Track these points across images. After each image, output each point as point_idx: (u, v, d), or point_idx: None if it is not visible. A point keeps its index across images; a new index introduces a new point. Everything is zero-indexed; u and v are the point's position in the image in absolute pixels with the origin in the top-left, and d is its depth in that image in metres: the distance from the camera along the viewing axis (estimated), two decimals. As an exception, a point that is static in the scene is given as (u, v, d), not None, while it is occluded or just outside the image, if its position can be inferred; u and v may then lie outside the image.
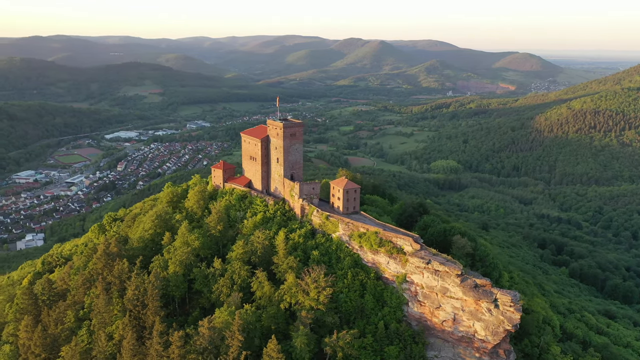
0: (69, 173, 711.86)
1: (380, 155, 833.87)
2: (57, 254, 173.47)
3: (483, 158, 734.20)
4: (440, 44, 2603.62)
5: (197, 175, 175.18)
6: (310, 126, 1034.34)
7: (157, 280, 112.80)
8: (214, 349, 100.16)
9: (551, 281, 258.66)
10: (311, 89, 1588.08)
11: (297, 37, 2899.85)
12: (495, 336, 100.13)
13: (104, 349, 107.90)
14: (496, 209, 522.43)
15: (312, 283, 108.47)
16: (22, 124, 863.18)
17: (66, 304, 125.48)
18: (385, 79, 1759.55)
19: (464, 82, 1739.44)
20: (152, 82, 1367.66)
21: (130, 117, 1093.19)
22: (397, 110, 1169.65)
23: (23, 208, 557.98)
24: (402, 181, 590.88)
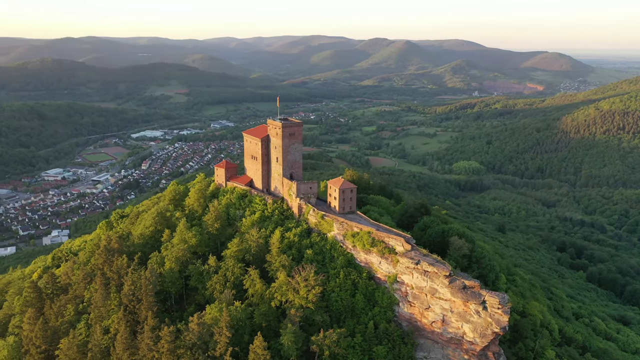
0: (95, 171, 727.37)
1: (402, 156, 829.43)
2: (67, 250, 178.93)
3: (506, 159, 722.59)
4: (467, 44, 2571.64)
5: (201, 174, 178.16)
6: (332, 126, 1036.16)
7: (152, 276, 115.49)
8: (203, 344, 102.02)
9: (566, 285, 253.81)
10: (335, 89, 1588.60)
11: (322, 37, 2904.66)
12: (483, 338, 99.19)
13: (99, 342, 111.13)
14: (517, 211, 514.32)
15: (303, 282, 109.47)
16: (52, 123, 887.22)
17: (67, 298, 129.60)
18: (410, 79, 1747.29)
19: (491, 82, 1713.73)
20: (178, 83, 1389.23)
21: (156, 117, 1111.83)
22: (421, 111, 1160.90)
23: (50, 205, 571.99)
24: (422, 182, 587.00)
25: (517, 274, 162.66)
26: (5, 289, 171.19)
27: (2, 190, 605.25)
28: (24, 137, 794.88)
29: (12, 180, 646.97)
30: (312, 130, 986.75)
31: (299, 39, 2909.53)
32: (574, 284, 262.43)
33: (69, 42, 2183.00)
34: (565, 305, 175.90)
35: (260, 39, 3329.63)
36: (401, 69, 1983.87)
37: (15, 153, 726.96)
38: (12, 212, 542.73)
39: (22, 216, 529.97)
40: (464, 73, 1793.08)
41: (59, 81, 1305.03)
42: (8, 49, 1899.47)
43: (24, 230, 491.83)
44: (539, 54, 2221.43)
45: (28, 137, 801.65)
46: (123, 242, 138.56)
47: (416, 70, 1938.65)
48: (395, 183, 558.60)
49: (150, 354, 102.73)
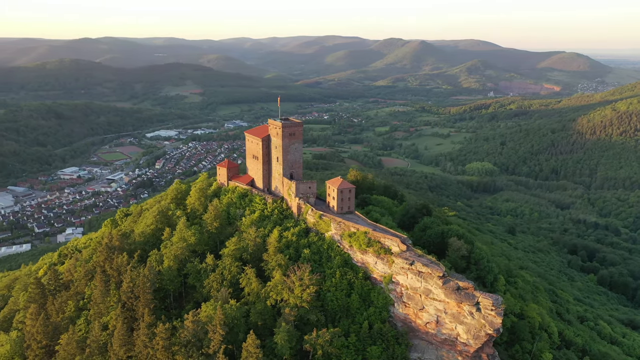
0: (110, 170, 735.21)
1: (415, 157, 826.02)
2: (72, 247, 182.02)
3: (520, 160, 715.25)
4: (483, 44, 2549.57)
5: (204, 173, 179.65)
6: (345, 127, 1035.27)
7: (151, 273, 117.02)
8: (198, 341, 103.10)
9: (575, 288, 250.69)
10: (349, 90, 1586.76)
11: (337, 37, 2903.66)
12: (476, 340, 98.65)
13: (98, 338, 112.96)
14: (530, 213, 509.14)
15: (298, 281, 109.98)
16: (69, 123, 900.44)
17: (68, 294, 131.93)
18: (425, 80, 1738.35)
19: (507, 83, 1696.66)
20: (193, 83, 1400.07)
21: (171, 117, 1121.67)
22: (435, 111, 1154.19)
23: (66, 203, 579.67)
24: (433, 183, 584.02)
25: (519, 277, 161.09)
26: (12, 285, 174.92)
27: (19, 188, 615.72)
28: (41, 136, 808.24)
29: (29, 178, 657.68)
30: (325, 130, 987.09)
31: (314, 39, 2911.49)
32: (583, 287, 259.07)
33: (87, 43, 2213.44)
34: (570, 309, 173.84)
35: (275, 39, 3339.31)
36: (416, 69, 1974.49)
37: (33, 152, 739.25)
38: (28, 209, 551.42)
39: (38, 214, 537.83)
40: (479, 73, 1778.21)
41: (76, 81, 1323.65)
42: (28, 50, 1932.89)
43: (39, 228, 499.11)
44: (556, 54, 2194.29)
45: (45, 136, 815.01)
46: (124, 240, 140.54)
47: (431, 70, 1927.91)
48: (407, 184, 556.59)
49: (145, 351, 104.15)
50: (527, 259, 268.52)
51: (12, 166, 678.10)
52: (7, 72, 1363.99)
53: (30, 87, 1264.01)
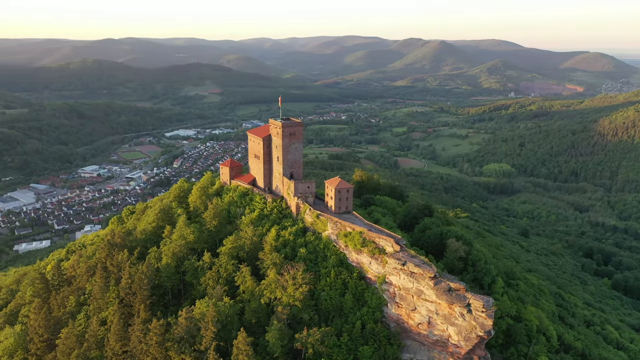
0: (129, 169, 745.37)
1: (432, 157, 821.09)
2: (80, 243, 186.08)
3: (539, 162, 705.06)
4: (504, 44, 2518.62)
5: (209, 172, 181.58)
6: (363, 127, 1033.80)
7: (149, 270, 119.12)
8: (191, 338, 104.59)
9: (587, 292, 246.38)
10: (367, 90, 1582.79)
11: (356, 37, 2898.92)
12: (467, 342, 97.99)
13: (96, 332, 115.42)
14: (547, 215, 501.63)
15: (291, 279, 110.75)
16: (90, 122, 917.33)
17: (70, 290, 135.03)
18: (444, 80, 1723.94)
19: (528, 83, 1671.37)
20: (212, 83, 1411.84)
21: (190, 116, 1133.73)
22: (454, 112, 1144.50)
23: (85, 201, 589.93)
24: (449, 184, 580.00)
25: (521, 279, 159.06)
26: (21, 280, 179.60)
27: (41, 186, 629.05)
28: (63, 135, 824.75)
29: (50, 176, 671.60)
30: (342, 130, 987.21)
31: (333, 39, 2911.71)
32: (596, 291, 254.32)
33: (109, 43, 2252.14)
34: (576, 312, 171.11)
35: (295, 40, 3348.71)
36: (435, 70, 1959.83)
37: (55, 150, 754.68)
38: (49, 207, 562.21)
39: (58, 211, 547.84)
40: (500, 74, 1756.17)
41: (98, 81, 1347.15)
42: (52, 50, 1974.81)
43: (58, 225, 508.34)
44: (579, 54, 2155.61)
45: (67, 135, 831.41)
46: (126, 237, 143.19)
47: (451, 70, 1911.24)
48: (422, 184, 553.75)
49: (140, 346, 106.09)
50: (538, 262, 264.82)
51: (35, 164, 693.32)
52: (32, 72, 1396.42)
53: (54, 87, 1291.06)
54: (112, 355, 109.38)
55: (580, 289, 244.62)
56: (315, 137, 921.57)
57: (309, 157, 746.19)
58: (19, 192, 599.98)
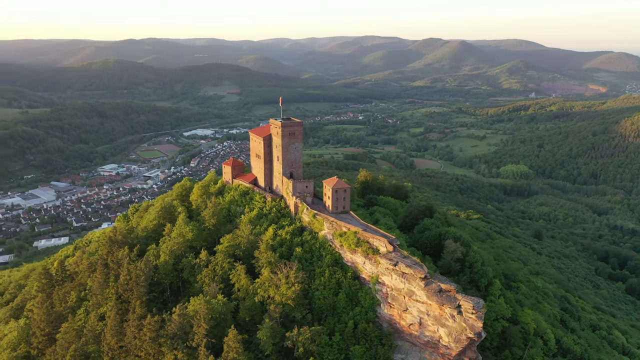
0: (147, 167, 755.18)
1: (448, 158, 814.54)
2: (87, 240, 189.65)
3: (558, 164, 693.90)
4: (525, 44, 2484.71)
5: (212, 171, 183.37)
6: (379, 127, 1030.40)
7: (146, 267, 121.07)
8: (184, 334, 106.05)
9: (599, 296, 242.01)
10: (385, 90, 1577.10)
11: (375, 37, 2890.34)
12: (458, 343, 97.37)
13: (94, 327, 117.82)
14: (564, 217, 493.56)
15: (284, 278, 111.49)
16: (110, 121, 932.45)
17: (72, 285, 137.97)
18: (464, 80, 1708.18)
19: (549, 84, 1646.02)
20: (230, 83, 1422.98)
21: (208, 116, 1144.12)
22: (472, 112, 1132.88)
23: (104, 198, 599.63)
24: (464, 185, 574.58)
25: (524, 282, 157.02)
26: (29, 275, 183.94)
27: (61, 184, 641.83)
28: (84, 133, 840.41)
29: (71, 174, 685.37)
30: (358, 131, 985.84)
31: (352, 39, 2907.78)
32: (608, 295, 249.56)
33: (131, 44, 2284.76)
34: (581, 316, 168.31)
35: (314, 40, 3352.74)
36: (455, 70, 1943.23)
37: (76, 149, 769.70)
38: (68, 204, 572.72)
39: (77, 208, 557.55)
40: (520, 74, 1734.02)
41: (119, 81, 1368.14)
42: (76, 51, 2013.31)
43: (77, 222, 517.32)
44: (603, 54, 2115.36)
45: (88, 134, 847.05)
46: (128, 235, 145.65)
47: (470, 71, 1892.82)
48: (436, 185, 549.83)
49: (134, 341, 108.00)
50: (550, 265, 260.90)
51: (56, 162, 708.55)
52: (55, 72, 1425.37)
53: (76, 87, 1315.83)
54: (108, 350, 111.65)
55: (591, 293, 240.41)
56: (332, 137, 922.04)
57: (325, 157, 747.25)
58: (40, 190, 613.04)
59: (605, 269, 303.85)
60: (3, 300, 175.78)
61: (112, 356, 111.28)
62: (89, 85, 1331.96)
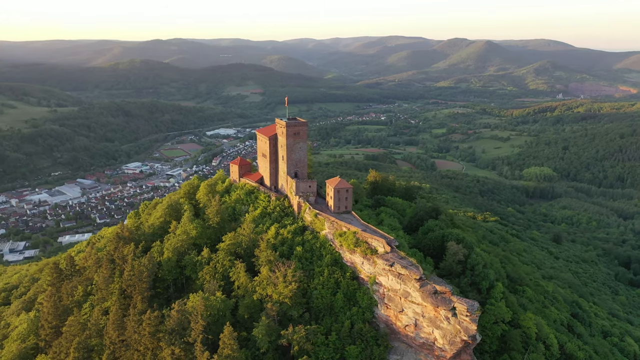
0: (170, 166, 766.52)
1: (471, 160, 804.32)
2: (100, 236, 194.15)
3: (583, 166, 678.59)
4: (553, 44, 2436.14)
5: (221, 170, 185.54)
6: (401, 128, 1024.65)
7: (149, 263, 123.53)
8: (182, 330, 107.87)
9: (617, 302, 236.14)
10: (409, 90, 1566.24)
11: (399, 37, 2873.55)
12: (452, 346, 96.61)
13: (97, 321, 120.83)
14: (587, 221, 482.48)
15: (282, 277, 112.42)
16: (135, 120, 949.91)
17: (79, 280, 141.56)
18: (489, 81, 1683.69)
19: (577, 85, 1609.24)
20: (254, 83, 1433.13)
21: (231, 116, 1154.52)
22: (496, 113, 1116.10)
23: (127, 196, 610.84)
24: (485, 187, 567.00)
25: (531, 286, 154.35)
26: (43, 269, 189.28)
27: (87, 181, 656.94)
28: (109, 132, 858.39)
29: (96, 172, 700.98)
30: (380, 131, 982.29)
31: (376, 39, 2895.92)
32: (627, 301, 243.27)
33: (158, 44, 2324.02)
34: (593, 322, 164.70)
35: (338, 40, 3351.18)
36: (480, 70, 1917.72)
37: (101, 147, 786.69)
38: (93, 201, 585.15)
39: (101, 205, 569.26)
40: (548, 74, 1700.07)
41: (145, 80, 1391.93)
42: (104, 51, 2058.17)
43: (100, 219, 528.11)
44: (635, 54, 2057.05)
45: (113, 133, 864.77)
46: (135, 231, 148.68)
47: (496, 71, 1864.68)
48: (456, 187, 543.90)
49: (134, 336, 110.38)
50: (567, 269, 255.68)
51: (82, 160, 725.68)
52: (84, 72, 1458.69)
53: (103, 86, 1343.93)
54: (109, 343, 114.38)
55: (609, 298, 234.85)
56: (353, 138, 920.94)
57: (345, 157, 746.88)
58: (67, 187, 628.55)
59: (626, 275, 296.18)
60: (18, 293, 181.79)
61: (113, 350, 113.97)
62: (116, 84, 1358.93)
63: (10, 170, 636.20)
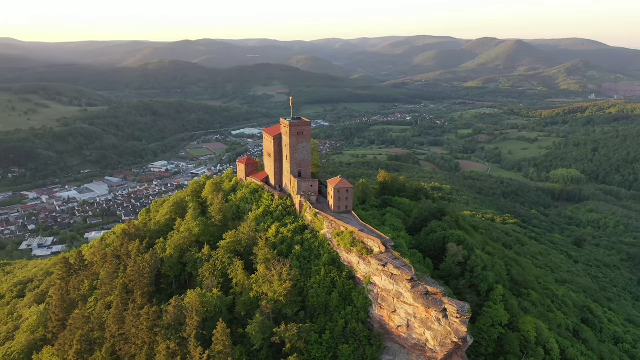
0: (195, 165, 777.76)
1: (496, 161, 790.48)
2: (112, 232, 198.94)
3: (613, 169, 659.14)
4: (587, 43, 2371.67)
5: (229, 169, 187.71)
6: (427, 128, 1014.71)
7: (152, 260, 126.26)
8: (178, 325, 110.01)
9: (638, 308, 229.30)
10: (436, 90, 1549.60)
11: (427, 37, 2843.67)
12: (443, 347, 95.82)
13: (100, 315, 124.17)
14: (615, 225, 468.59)
15: (277, 275, 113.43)
16: (162, 119, 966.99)
17: (86, 274, 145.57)
18: (518, 81, 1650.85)
19: (611, 85, 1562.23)
20: (280, 83, 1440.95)
21: (257, 115, 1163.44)
22: (525, 114, 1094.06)
23: (152, 194, 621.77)
24: (509, 189, 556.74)
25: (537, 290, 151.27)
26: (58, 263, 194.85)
27: (114, 179, 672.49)
28: (137, 131, 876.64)
29: (124, 170, 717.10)
30: (404, 131, 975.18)
31: (404, 39, 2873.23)
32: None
33: (187, 45, 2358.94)
34: (605, 328, 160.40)
35: (365, 40, 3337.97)
36: (509, 70, 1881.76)
37: (129, 146, 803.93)
38: (120, 198, 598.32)
39: (127, 203, 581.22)
40: (580, 74, 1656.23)
41: (173, 80, 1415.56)
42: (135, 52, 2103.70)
43: (125, 216, 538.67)
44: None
45: (141, 132, 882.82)
46: (141, 228, 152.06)
47: (526, 71, 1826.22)
48: (479, 189, 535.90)
49: (133, 330, 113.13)
50: (585, 274, 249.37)
51: (111, 158, 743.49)
52: (115, 72, 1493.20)
53: (133, 86, 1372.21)
54: (110, 337, 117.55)
55: (628, 304, 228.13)
56: (377, 138, 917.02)
57: (368, 157, 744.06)
58: (95, 184, 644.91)
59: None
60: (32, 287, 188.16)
61: (113, 343, 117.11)
62: (145, 84, 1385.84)
63: (42, 168, 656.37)
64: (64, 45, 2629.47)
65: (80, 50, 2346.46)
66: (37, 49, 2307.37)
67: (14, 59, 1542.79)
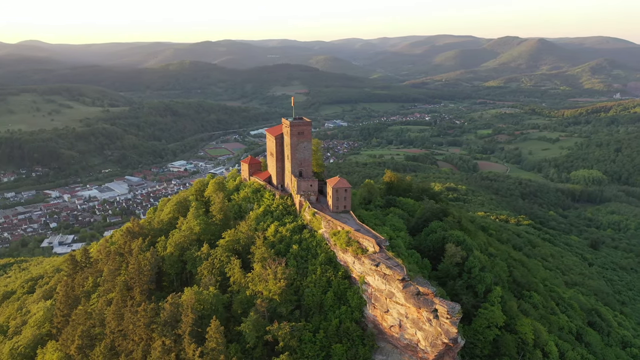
0: (213, 164, 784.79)
1: (516, 162, 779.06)
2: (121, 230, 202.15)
3: (636, 170, 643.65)
4: (612, 41, 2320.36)
5: (234, 169, 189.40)
6: (446, 128, 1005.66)
7: (152, 257, 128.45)
8: (174, 322, 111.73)
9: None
10: (456, 90, 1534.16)
11: (448, 36, 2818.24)
12: (433, 348, 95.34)
13: (101, 311, 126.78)
14: (636, 227, 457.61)
15: (272, 274, 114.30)
16: (182, 119, 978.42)
17: (90, 271, 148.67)
18: (541, 80, 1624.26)
19: (637, 84, 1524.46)
20: (299, 83, 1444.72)
21: (275, 115, 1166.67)
22: (546, 114, 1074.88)
23: (170, 193, 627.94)
24: (527, 190, 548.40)
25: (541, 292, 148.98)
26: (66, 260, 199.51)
27: (134, 178, 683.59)
28: (157, 131, 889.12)
29: (143, 169, 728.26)
30: (423, 132, 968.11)
31: (424, 38, 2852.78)
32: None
33: (207, 45, 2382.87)
34: (612, 332, 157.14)
35: (386, 40, 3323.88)
36: (532, 69, 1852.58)
37: (149, 145, 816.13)
38: (139, 197, 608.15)
39: (146, 202, 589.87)
40: (605, 73, 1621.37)
41: (194, 81, 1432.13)
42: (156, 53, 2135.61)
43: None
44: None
45: (161, 132, 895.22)
46: (145, 226, 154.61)
47: (549, 70, 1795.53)
48: (496, 189, 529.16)
49: (130, 326, 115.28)
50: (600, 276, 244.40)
51: (131, 158, 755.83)
52: (137, 73, 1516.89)
53: (154, 87, 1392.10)
54: (109, 332, 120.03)
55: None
56: (395, 138, 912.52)
57: (385, 157, 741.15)
58: (115, 183, 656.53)
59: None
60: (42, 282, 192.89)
61: (113, 339, 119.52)
62: (166, 85, 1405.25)
63: (64, 167, 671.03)
64: (89, 47, 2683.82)
65: (103, 52, 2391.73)
66: (63, 50, 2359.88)
67: (40, 60, 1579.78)
